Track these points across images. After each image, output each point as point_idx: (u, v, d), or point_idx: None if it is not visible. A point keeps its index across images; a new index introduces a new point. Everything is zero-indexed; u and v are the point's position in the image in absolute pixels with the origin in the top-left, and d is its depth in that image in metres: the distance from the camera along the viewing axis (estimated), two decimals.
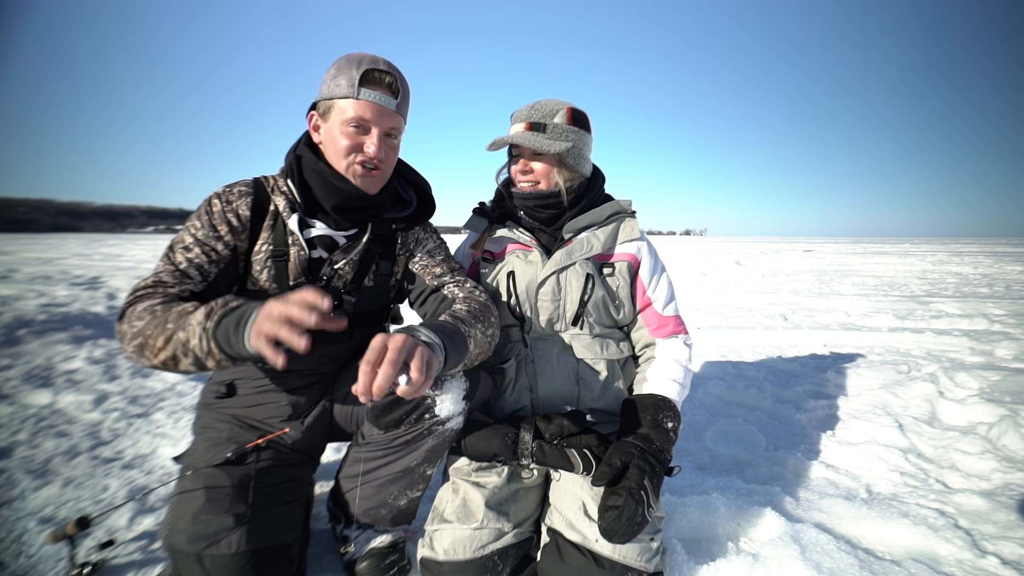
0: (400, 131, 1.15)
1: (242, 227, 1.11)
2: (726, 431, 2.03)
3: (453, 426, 1.14)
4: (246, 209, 1.12)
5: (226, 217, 1.09)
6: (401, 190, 1.28)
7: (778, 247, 24.93)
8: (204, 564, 0.96)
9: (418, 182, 1.30)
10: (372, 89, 1.07)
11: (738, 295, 6.42)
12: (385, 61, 1.10)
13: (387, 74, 1.08)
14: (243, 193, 1.13)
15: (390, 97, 1.09)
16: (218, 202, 1.11)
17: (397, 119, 1.12)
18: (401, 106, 1.12)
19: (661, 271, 1.38)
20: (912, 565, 1.20)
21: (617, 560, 1.04)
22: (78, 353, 2.67)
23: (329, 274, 1.16)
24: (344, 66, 1.08)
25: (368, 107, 1.07)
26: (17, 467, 1.63)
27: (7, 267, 7.55)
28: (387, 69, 1.09)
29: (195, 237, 1.07)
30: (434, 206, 1.31)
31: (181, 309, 0.90)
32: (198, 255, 1.05)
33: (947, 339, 3.64)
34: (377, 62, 1.09)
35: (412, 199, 1.28)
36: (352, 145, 1.09)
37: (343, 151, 1.09)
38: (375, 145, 1.09)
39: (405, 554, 1.23)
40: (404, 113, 1.15)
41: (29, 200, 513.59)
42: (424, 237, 1.30)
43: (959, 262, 12.44)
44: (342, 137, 1.08)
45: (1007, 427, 1.85)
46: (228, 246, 1.08)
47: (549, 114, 1.27)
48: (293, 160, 1.15)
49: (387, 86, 1.09)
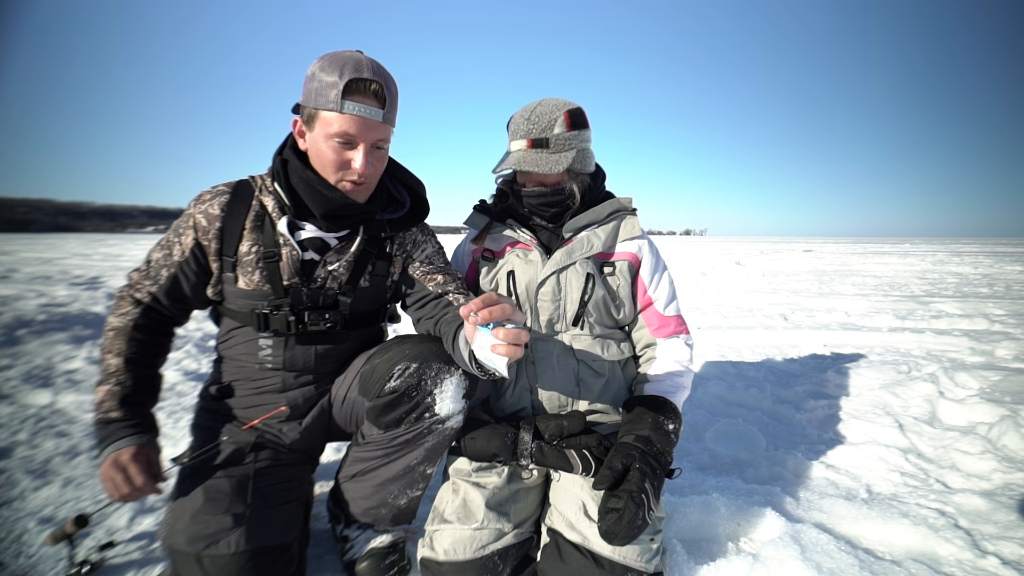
0: (388, 140, 1.10)
1: (208, 227, 1.12)
2: (726, 431, 2.03)
3: (453, 425, 1.14)
4: (217, 208, 1.12)
5: (195, 218, 1.12)
6: (394, 190, 1.26)
7: (778, 247, 24.93)
8: (203, 564, 0.96)
9: (411, 183, 1.27)
10: (357, 101, 1.01)
11: (738, 295, 6.42)
12: (370, 64, 1.03)
13: (372, 81, 1.02)
14: (217, 193, 1.14)
15: (376, 108, 1.03)
16: (193, 204, 1.14)
17: (384, 129, 1.07)
18: (388, 114, 1.06)
19: (662, 270, 1.37)
20: (912, 565, 1.20)
21: (617, 560, 1.04)
22: (78, 353, 2.67)
23: (324, 275, 1.16)
24: (328, 70, 1.01)
25: (353, 122, 1.02)
26: (17, 467, 1.63)
27: (7, 267, 7.55)
28: (372, 76, 1.02)
29: (167, 238, 1.16)
30: (427, 208, 1.29)
31: (107, 364, 1.12)
32: (165, 256, 1.15)
33: (947, 339, 3.64)
34: (361, 68, 1.01)
35: (405, 200, 1.26)
36: (338, 161, 1.05)
37: (330, 166, 1.06)
38: (362, 161, 1.05)
39: (405, 554, 1.23)
40: (392, 120, 1.09)
41: (29, 200, 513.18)
42: (422, 240, 1.29)
43: (959, 262, 12.44)
44: (328, 151, 1.05)
45: (1007, 427, 1.84)
46: (187, 248, 1.13)
47: (548, 125, 1.24)
48: (280, 164, 1.13)
49: (373, 95, 1.03)
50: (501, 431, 1.18)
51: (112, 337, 1.14)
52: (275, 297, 1.13)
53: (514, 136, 1.29)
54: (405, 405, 1.09)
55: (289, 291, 1.13)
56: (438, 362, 1.09)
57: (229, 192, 1.14)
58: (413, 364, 1.08)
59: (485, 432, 1.19)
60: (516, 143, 1.28)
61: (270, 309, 1.13)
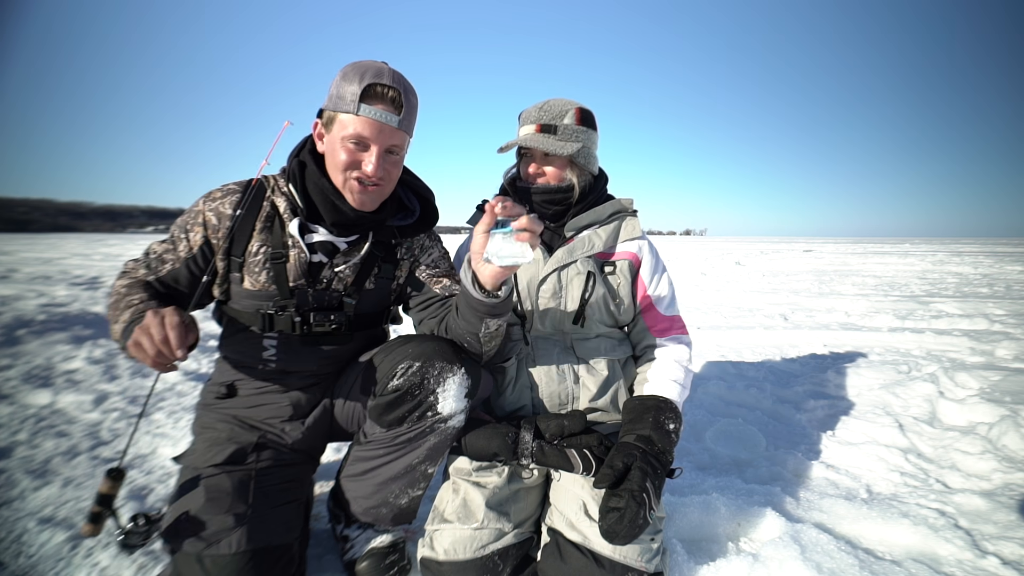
0: (403, 147, 1.12)
1: (219, 225, 1.12)
2: (726, 431, 2.03)
3: (455, 424, 1.14)
4: (228, 207, 1.13)
5: (204, 216, 1.13)
6: (404, 198, 1.27)
7: (778, 247, 24.94)
8: (204, 564, 0.96)
9: (421, 191, 1.29)
10: (373, 105, 1.04)
11: (738, 295, 6.42)
12: (391, 72, 1.06)
13: (390, 88, 1.04)
14: (229, 191, 1.15)
15: (392, 113, 1.05)
16: (202, 202, 1.15)
17: (399, 136, 1.09)
18: (405, 121, 1.08)
19: (662, 271, 1.38)
20: (912, 565, 1.20)
21: (617, 560, 1.04)
22: (78, 353, 2.67)
23: (329, 277, 1.16)
24: (349, 76, 1.05)
25: (368, 124, 1.04)
26: (17, 467, 1.63)
27: (7, 267, 7.55)
28: (391, 83, 1.04)
29: (171, 232, 1.16)
30: (436, 215, 1.30)
31: (128, 300, 1.04)
32: (168, 250, 1.14)
33: (947, 339, 3.64)
34: (382, 74, 1.04)
35: (415, 207, 1.27)
36: (350, 161, 1.07)
37: (340, 166, 1.08)
38: (373, 164, 1.07)
39: (405, 554, 1.23)
40: (408, 128, 1.11)
41: (29, 200, 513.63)
42: (429, 245, 1.31)
43: (959, 262, 12.45)
44: (341, 151, 1.07)
45: (1007, 427, 1.85)
46: (194, 245, 1.12)
47: (559, 115, 1.27)
48: (296, 167, 1.14)
49: (390, 101, 1.05)
50: (502, 430, 1.19)
51: (126, 291, 1.07)
52: (280, 298, 1.13)
53: (524, 122, 1.32)
54: (408, 404, 1.09)
55: (295, 292, 1.14)
56: (441, 361, 1.09)
57: (241, 191, 1.15)
58: (416, 363, 1.08)
59: (486, 431, 1.19)
60: (525, 128, 1.31)
61: (275, 310, 1.13)
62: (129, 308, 1.02)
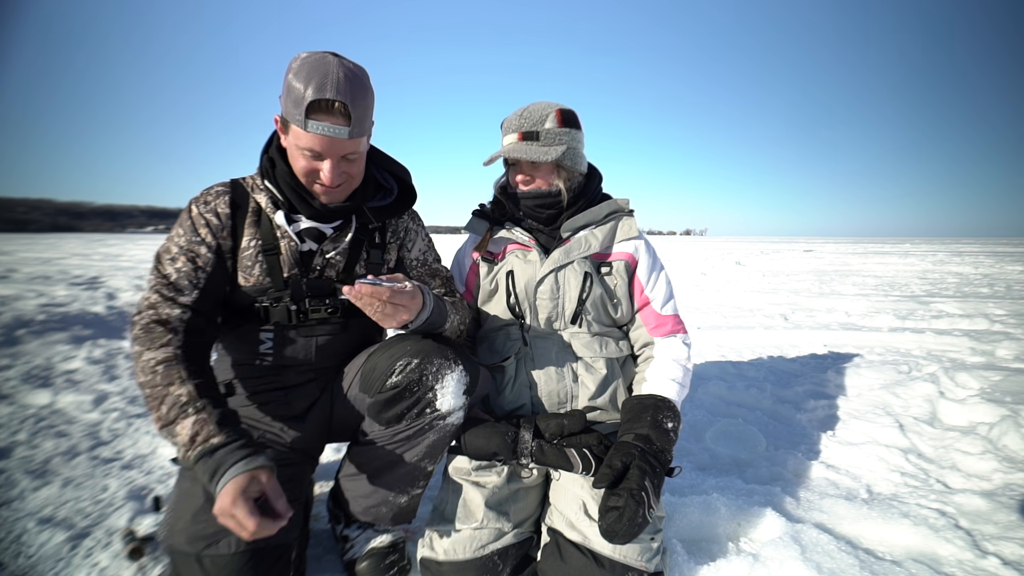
0: (358, 150, 1.10)
1: (222, 225, 1.12)
2: (726, 431, 2.03)
3: (453, 420, 1.14)
4: (225, 207, 1.13)
5: (205, 218, 1.11)
6: (380, 178, 1.27)
7: (778, 247, 24.93)
8: (203, 564, 0.96)
9: (396, 171, 1.28)
10: (321, 120, 1.01)
11: (738, 295, 6.42)
12: (335, 79, 1.00)
13: (334, 101, 1.00)
14: (220, 192, 1.15)
15: (341, 126, 1.02)
16: (195, 207, 1.13)
17: (351, 144, 1.07)
18: (356, 130, 1.05)
19: (659, 270, 1.38)
20: (913, 565, 1.20)
21: (617, 560, 1.04)
22: (77, 353, 2.67)
23: (322, 264, 1.18)
24: (298, 78, 1.00)
25: (317, 140, 1.02)
26: (17, 467, 1.63)
27: (7, 267, 7.55)
28: (335, 95, 0.99)
29: (179, 246, 1.09)
30: (415, 193, 1.30)
31: (176, 396, 0.94)
32: (184, 264, 1.07)
33: (948, 339, 3.64)
34: (324, 87, 0.99)
35: (392, 187, 1.27)
36: (308, 168, 1.08)
37: (301, 172, 1.09)
38: (328, 175, 1.07)
39: (405, 554, 1.23)
40: (361, 133, 1.07)
41: (28, 200, 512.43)
42: (414, 228, 1.32)
43: (960, 262, 12.44)
44: (299, 158, 1.07)
45: (1008, 427, 1.84)
46: (211, 248, 1.10)
47: (539, 120, 1.28)
48: (267, 163, 1.15)
49: (337, 113, 1.01)
50: (501, 430, 1.19)
51: (164, 370, 0.97)
52: (275, 290, 1.14)
53: (506, 132, 1.32)
54: (406, 401, 1.09)
55: (289, 282, 1.14)
56: (439, 358, 1.09)
57: (229, 191, 1.15)
58: (414, 360, 1.08)
59: (485, 430, 1.19)
60: (508, 137, 1.31)
61: (270, 302, 1.14)
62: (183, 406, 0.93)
